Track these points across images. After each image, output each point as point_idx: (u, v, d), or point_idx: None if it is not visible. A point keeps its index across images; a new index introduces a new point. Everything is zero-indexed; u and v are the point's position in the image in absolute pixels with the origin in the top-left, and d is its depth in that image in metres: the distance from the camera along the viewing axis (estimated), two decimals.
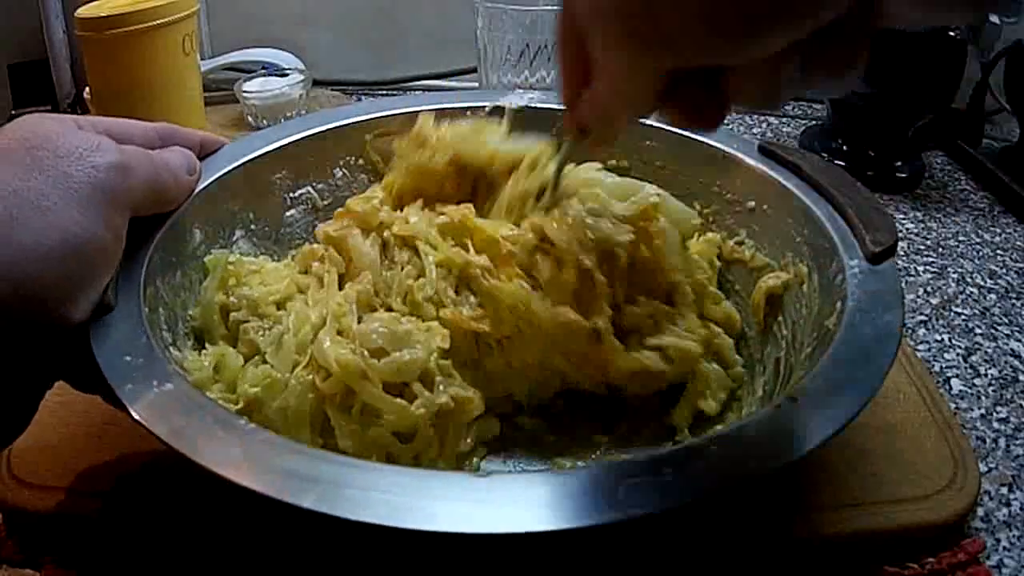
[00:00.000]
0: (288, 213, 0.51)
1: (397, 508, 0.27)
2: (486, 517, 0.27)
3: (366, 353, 0.38)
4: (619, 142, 0.54)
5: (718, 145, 0.50)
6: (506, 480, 0.29)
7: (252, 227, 0.49)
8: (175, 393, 0.32)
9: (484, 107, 0.55)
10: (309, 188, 0.52)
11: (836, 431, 0.30)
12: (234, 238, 0.48)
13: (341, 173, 0.53)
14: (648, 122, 0.53)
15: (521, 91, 0.57)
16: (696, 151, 0.51)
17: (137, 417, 0.30)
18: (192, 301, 0.43)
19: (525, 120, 0.53)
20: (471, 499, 0.27)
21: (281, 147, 0.50)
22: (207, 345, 0.42)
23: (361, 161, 0.54)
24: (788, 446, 0.30)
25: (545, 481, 0.29)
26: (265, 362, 0.40)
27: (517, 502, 0.27)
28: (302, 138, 0.51)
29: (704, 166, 0.50)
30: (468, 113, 0.55)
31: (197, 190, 0.44)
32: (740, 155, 0.49)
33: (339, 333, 0.40)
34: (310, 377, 0.38)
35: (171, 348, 0.38)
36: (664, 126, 0.52)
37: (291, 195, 0.51)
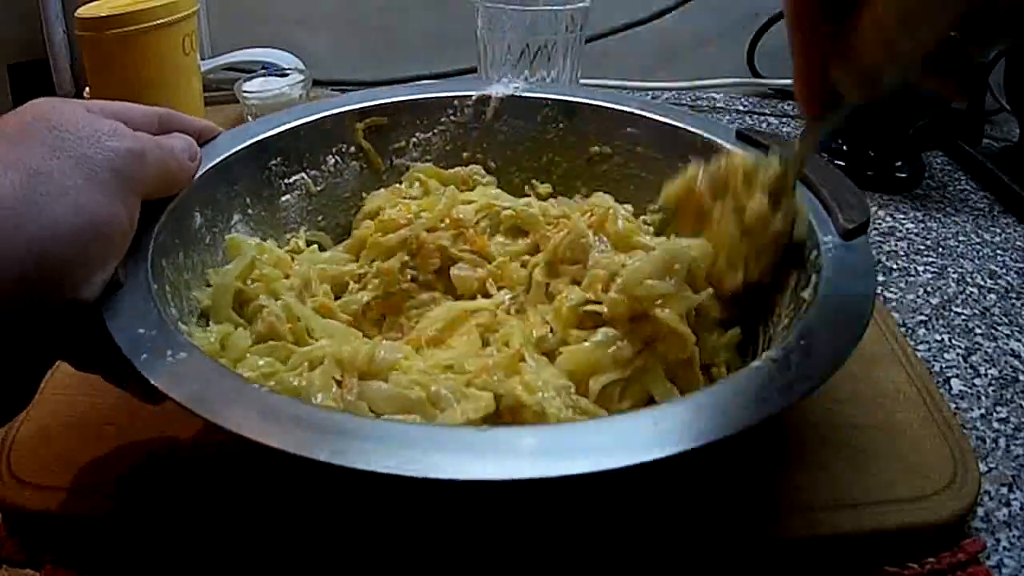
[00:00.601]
0: (283, 198, 0.52)
1: (406, 460, 0.28)
2: (481, 465, 0.28)
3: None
4: (600, 130, 0.56)
5: (698, 131, 0.52)
6: (503, 432, 0.31)
7: (249, 211, 0.50)
8: (190, 362, 0.32)
9: (470, 96, 0.56)
10: (303, 175, 0.53)
11: (815, 386, 0.32)
12: (232, 222, 0.49)
13: (334, 161, 0.55)
14: (629, 109, 0.55)
15: (507, 80, 0.57)
16: (676, 137, 0.53)
17: (156, 384, 0.31)
18: (195, 281, 0.44)
19: (512, 108, 0.55)
20: (472, 450, 0.29)
21: (275, 135, 0.51)
22: (211, 324, 0.43)
23: (353, 149, 0.55)
24: (766, 402, 0.31)
25: (535, 432, 0.31)
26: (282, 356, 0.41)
27: (510, 452, 0.29)
28: (296, 126, 0.52)
29: (684, 151, 0.52)
30: (455, 103, 0.56)
31: (197, 175, 0.45)
32: (719, 140, 0.51)
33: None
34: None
35: (179, 323, 0.39)
36: (644, 112, 0.54)
37: (286, 181, 0.52)
